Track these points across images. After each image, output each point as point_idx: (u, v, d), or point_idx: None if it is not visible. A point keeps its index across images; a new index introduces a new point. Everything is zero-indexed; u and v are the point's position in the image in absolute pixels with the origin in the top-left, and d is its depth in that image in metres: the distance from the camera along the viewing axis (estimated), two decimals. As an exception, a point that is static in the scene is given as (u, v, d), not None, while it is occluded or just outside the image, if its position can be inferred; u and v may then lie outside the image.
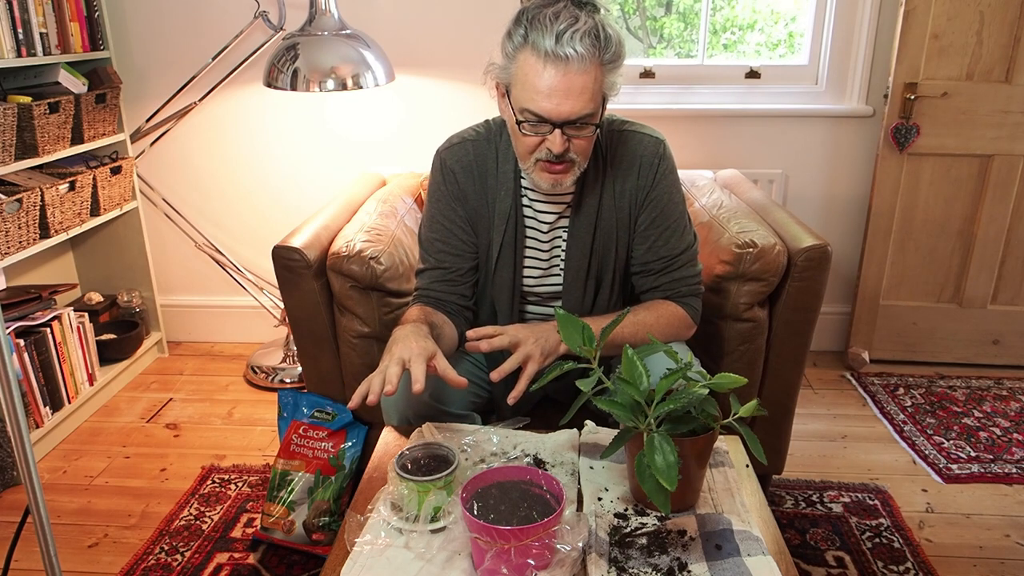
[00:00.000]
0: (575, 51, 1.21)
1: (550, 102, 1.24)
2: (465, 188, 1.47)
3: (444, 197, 1.48)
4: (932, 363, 2.77)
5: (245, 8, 2.58)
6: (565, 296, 1.50)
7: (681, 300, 1.49)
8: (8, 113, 2.11)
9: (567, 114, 1.25)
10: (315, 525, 1.78)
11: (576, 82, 1.23)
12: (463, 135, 1.50)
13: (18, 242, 2.19)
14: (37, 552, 1.52)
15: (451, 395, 1.46)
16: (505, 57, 1.30)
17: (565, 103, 1.24)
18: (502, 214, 1.45)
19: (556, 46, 1.21)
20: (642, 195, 1.45)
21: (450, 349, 1.46)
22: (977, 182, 2.58)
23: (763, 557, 1.05)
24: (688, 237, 1.49)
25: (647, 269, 1.49)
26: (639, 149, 1.44)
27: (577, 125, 1.28)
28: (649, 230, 1.46)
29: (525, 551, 0.97)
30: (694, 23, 2.73)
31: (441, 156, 1.49)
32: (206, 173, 2.83)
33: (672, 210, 1.46)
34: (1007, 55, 2.44)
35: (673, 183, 1.47)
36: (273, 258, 1.74)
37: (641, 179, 1.44)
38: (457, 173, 1.47)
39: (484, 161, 1.46)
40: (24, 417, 1.18)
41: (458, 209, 1.48)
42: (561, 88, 1.23)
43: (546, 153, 1.31)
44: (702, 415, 1.13)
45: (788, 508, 1.99)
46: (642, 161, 1.44)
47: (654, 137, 1.46)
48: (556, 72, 1.23)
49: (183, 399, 2.60)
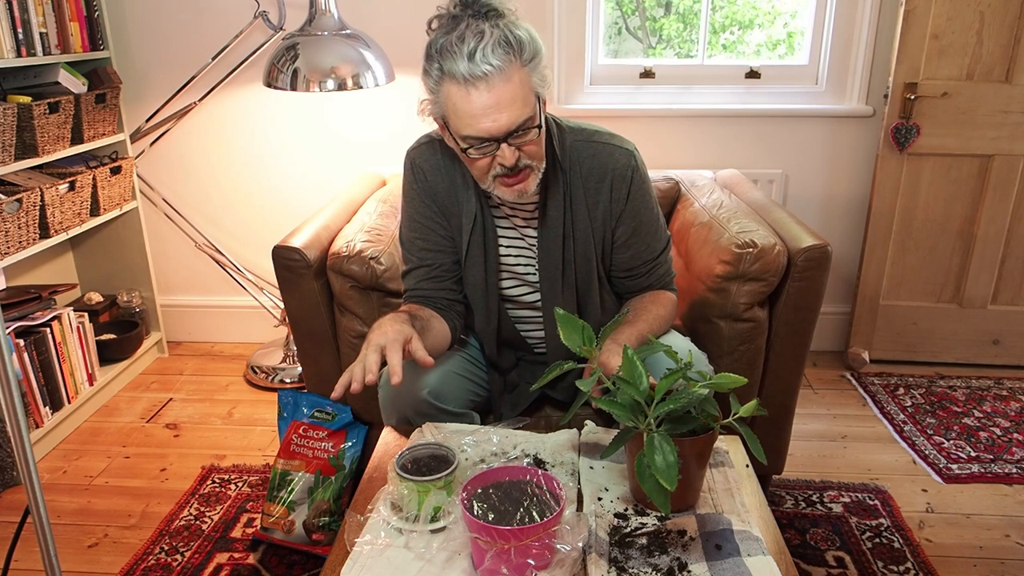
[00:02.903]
0: (492, 65, 1.21)
1: (486, 121, 1.25)
2: (435, 186, 1.48)
3: (417, 195, 1.50)
4: (932, 363, 2.77)
5: (245, 8, 2.58)
6: (545, 307, 1.51)
7: (669, 288, 1.58)
8: (8, 113, 2.11)
9: (506, 127, 1.26)
10: (315, 525, 1.78)
11: (505, 93, 1.23)
12: (431, 134, 1.51)
13: (18, 242, 2.19)
14: (37, 552, 1.52)
15: (449, 393, 1.47)
16: (431, 93, 1.31)
17: (501, 117, 1.25)
18: (468, 213, 1.47)
19: (471, 67, 1.21)
20: (618, 208, 1.46)
21: (442, 344, 1.47)
22: (977, 182, 2.58)
23: (763, 557, 1.05)
24: (664, 233, 1.55)
25: (635, 272, 1.54)
26: (610, 162, 1.44)
27: (519, 133, 1.28)
28: (632, 239, 1.50)
29: (525, 551, 0.97)
30: (693, 23, 2.73)
31: (411, 156, 1.51)
32: (206, 173, 2.83)
33: (647, 216, 1.50)
34: (1007, 55, 2.44)
35: (647, 191, 1.49)
36: (273, 258, 1.74)
37: (615, 192, 1.45)
38: (427, 172, 1.48)
39: (452, 160, 1.47)
40: (24, 417, 1.18)
41: (432, 206, 1.49)
42: (492, 104, 1.24)
43: (500, 168, 1.31)
44: (702, 415, 1.13)
45: (788, 508, 1.99)
46: (614, 175, 1.44)
47: (624, 149, 1.46)
48: (481, 92, 1.23)
49: (183, 399, 2.60)
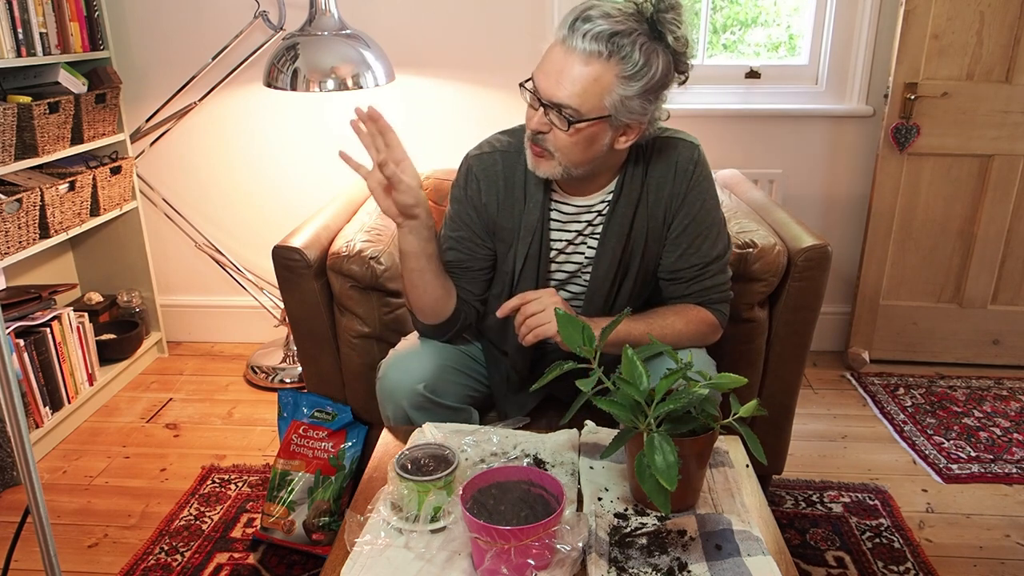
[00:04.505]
0: (581, 42, 1.22)
1: (544, 79, 1.27)
2: (487, 199, 1.46)
3: (464, 201, 1.49)
4: (932, 363, 2.77)
5: (245, 8, 2.58)
6: (587, 300, 1.49)
7: (711, 306, 1.47)
8: (8, 113, 2.11)
9: (550, 95, 1.26)
10: (315, 525, 1.78)
11: (572, 70, 1.24)
12: (494, 144, 1.48)
13: (18, 242, 2.19)
14: (37, 552, 1.51)
15: (445, 388, 1.48)
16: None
17: (554, 84, 1.26)
18: (528, 226, 1.44)
19: (570, 33, 1.24)
20: (677, 201, 1.42)
21: (444, 296, 1.47)
22: (977, 182, 2.58)
23: (763, 557, 1.05)
24: (720, 244, 1.46)
25: (678, 277, 1.46)
26: (674, 155, 1.42)
27: (560, 113, 1.26)
28: (681, 237, 1.44)
29: (525, 551, 0.97)
30: (694, 23, 2.73)
31: (469, 162, 1.49)
32: (206, 173, 2.83)
33: (704, 216, 1.43)
34: (1007, 55, 2.44)
35: (708, 189, 1.44)
36: (273, 258, 1.74)
37: (676, 185, 1.42)
38: (481, 182, 1.46)
39: (512, 173, 1.45)
40: (24, 417, 1.18)
41: (474, 216, 1.48)
42: (556, 68, 1.25)
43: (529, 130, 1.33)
44: (702, 415, 1.13)
45: (788, 508, 1.99)
46: (677, 167, 1.42)
47: (689, 142, 1.44)
48: (559, 52, 1.25)
49: (183, 399, 2.60)
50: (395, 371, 1.47)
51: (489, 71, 2.62)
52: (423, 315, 1.49)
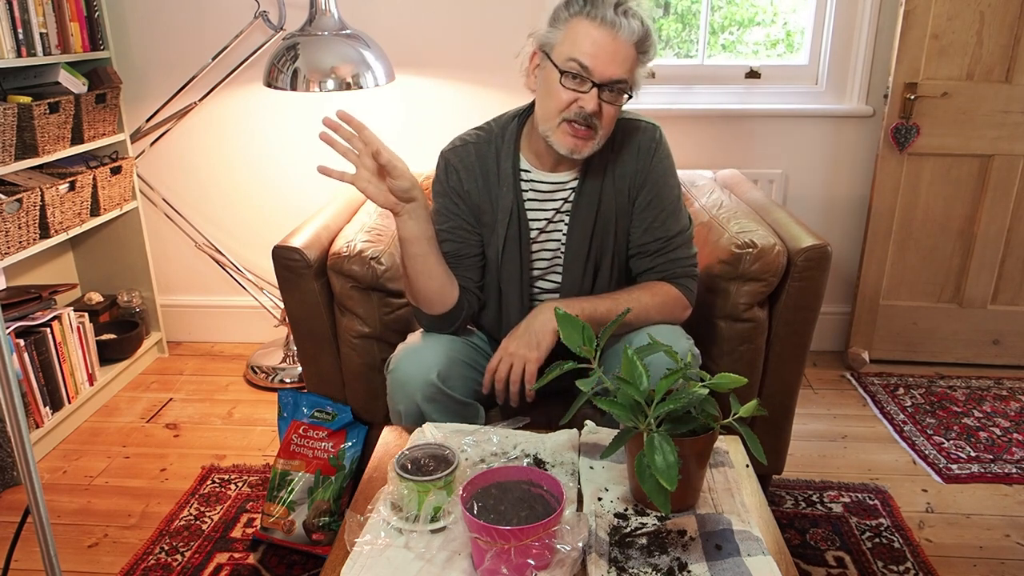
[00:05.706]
0: (629, 25, 1.32)
1: (597, 60, 1.33)
2: (468, 186, 1.53)
3: (447, 192, 1.55)
4: (932, 363, 2.77)
5: (245, 8, 2.58)
6: (564, 277, 1.55)
7: (676, 281, 1.54)
8: (8, 113, 2.11)
9: (609, 75, 1.34)
10: (315, 525, 1.78)
11: (623, 50, 1.33)
12: (464, 137, 1.57)
13: (18, 242, 2.19)
14: (37, 552, 1.52)
15: (455, 380, 1.49)
16: (555, 22, 1.38)
17: (610, 64, 1.34)
18: (504, 210, 1.51)
19: (615, 16, 1.32)
20: (640, 178, 1.51)
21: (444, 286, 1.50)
22: (977, 182, 2.58)
23: (763, 557, 1.05)
24: (683, 220, 1.55)
25: (644, 250, 1.54)
26: (637, 135, 1.52)
27: (613, 91, 1.35)
28: (646, 212, 1.52)
29: (525, 551, 0.97)
30: (693, 24, 2.74)
31: (445, 156, 1.57)
32: (206, 173, 2.83)
33: (667, 192, 1.53)
34: (1007, 55, 2.44)
35: (669, 167, 1.54)
36: (273, 258, 1.74)
37: (639, 162, 1.51)
38: (460, 171, 1.54)
39: (485, 161, 1.53)
40: (24, 417, 1.18)
41: (460, 203, 1.54)
42: (609, 50, 1.33)
43: (576, 112, 1.37)
44: (702, 415, 1.13)
45: (788, 508, 1.99)
46: (640, 146, 1.51)
47: (650, 124, 1.54)
48: (607, 34, 1.33)
49: (183, 399, 2.60)
50: (407, 362, 1.48)
51: (489, 71, 2.63)
52: (429, 305, 1.51)
